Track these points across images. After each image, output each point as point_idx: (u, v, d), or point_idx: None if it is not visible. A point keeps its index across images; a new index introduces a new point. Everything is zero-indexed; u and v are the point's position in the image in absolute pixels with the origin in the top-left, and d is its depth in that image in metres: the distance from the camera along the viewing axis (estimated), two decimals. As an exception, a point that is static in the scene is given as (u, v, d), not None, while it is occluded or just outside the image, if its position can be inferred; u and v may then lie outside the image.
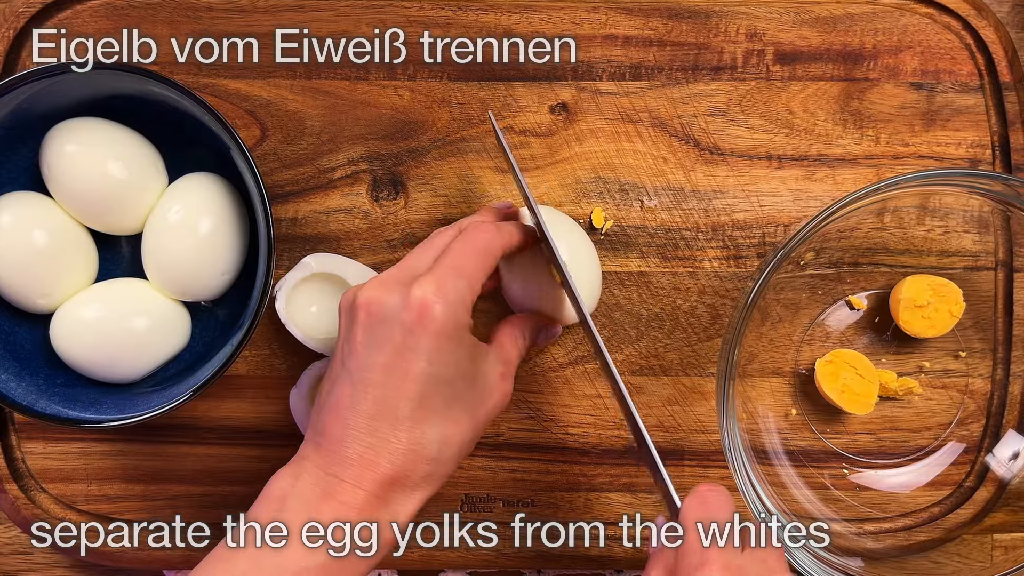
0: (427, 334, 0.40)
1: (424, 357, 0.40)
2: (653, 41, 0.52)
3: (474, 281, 0.42)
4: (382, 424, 0.40)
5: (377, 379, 0.40)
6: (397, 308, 0.41)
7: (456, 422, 0.42)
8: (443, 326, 0.40)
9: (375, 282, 0.42)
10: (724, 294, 0.53)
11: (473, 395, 0.43)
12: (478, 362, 0.43)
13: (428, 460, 0.41)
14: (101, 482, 0.53)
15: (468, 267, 0.42)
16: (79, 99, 0.48)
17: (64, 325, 0.48)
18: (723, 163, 0.53)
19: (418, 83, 0.52)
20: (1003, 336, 0.53)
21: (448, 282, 0.41)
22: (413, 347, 0.40)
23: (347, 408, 0.41)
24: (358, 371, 0.41)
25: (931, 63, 0.53)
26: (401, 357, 0.40)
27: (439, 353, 0.40)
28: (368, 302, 0.42)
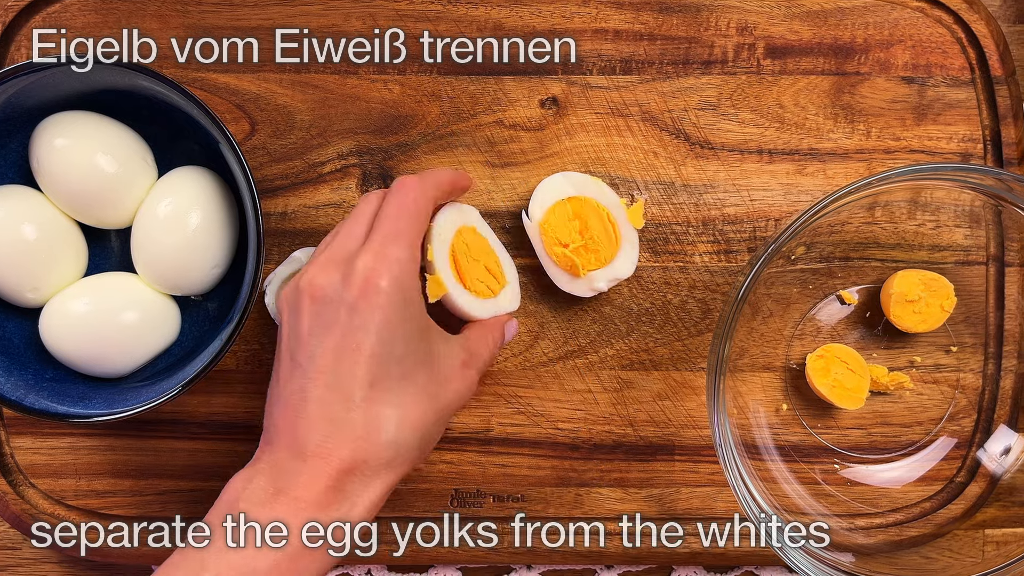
0: (374, 310, 0.40)
1: (373, 334, 0.40)
2: (644, 35, 0.53)
3: (414, 245, 0.42)
4: (336, 409, 0.39)
5: (327, 364, 0.40)
6: (339, 288, 0.40)
7: (413, 404, 0.41)
8: (389, 299, 0.40)
9: (312, 266, 0.42)
10: (715, 289, 0.53)
11: (428, 376, 0.42)
12: (432, 341, 0.43)
13: (387, 444, 0.40)
14: (90, 477, 0.53)
15: (404, 231, 0.42)
16: (68, 93, 0.49)
17: (53, 319, 0.49)
18: (714, 157, 0.53)
19: (408, 77, 0.53)
20: (994, 331, 0.53)
21: (388, 252, 0.41)
22: (361, 325, 0.40)
23: (298, 399, 0.40)
24: (307, 360, 0.40)
25: (922, 57, 0.53)
26: (350, 338, 0.40)
27: (388, 329, 0.40)
28: (310, 287, 0.41)
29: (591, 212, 0.51)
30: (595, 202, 0.51)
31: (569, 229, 0.51)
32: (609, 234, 0.51)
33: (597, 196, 0.52)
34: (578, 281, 0.51)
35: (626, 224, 0.52)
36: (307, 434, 0.39)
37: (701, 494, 0.54)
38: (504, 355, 0.53)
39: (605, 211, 0.51)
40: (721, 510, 0.53)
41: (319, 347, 0.40)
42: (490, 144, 0.53)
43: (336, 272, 0.41)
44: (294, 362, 0.41)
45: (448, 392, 0.43)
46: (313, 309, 0.41)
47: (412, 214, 0.43)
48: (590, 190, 0.52)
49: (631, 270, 0.52)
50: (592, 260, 0.51)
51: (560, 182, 0.52)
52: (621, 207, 0.52)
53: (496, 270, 0.50)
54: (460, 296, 0.48)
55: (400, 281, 0.40)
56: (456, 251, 0.48)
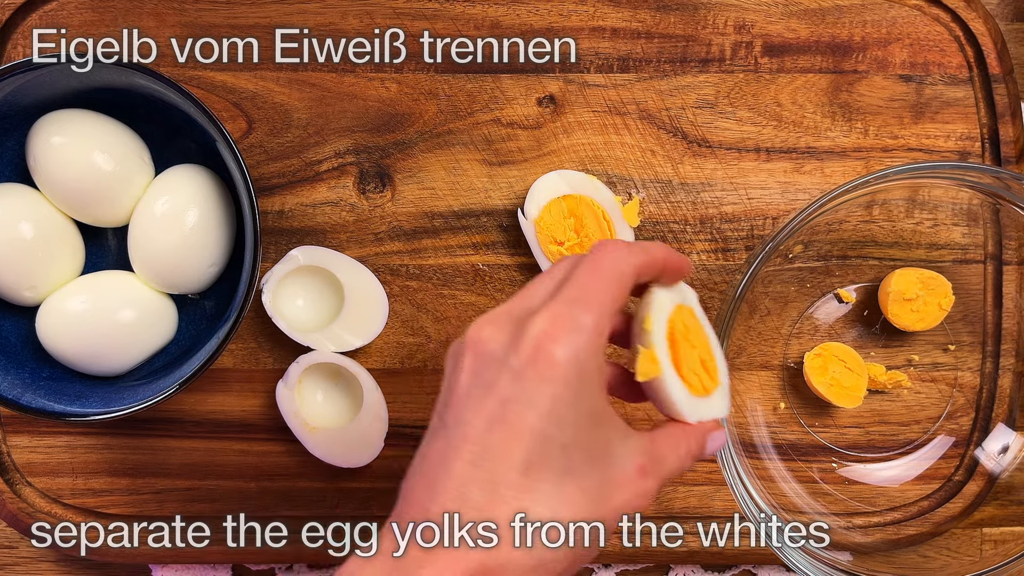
0: (542, 382, 0.33)
1: (536, 410, 0.33)
2: (641, 33, 0.53)
3: (603, 315, 0.34)
4: (476, 491, 0.33)
5: (476, 434, 0.33)
6: (506, 347, 0.34)
7: (570, 503, 0.33)
8: (564, 373, 0.33)
9: (483, 319, 0.35)
10: (712, 287, 0.54)
11: (595, 476, 0.34)
12: (606, 433, 0.35)
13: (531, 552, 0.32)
14: (87, 476, 0.54)
15: (595, 296, 0.35)
16: (65, 91, 0.49)
17: (50, 318, 0.49)
18: (711, 156, 0.53)
19: (405, 75, 0.53)
20: (992, 329, 0.54)
21: (569, 317, 0.34)
22: (523, 398, 0.33)
23: (436, 469, 0.34)
24: (455, 424, 0.34)
25: (920, 55, 0.54)
26: (507, 409, 0.33)
27: (556, 408, 0.33)
28: (474, 342, 0.35)
29: (586, 210, 0.51)
30: (590, 200, 0.52)
31: (564, 227, 0.51)
32: (604, 232, 0.51)
33: (593, 194, 0.52)
34: None
35: (622, 222, 0.52)
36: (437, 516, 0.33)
37: (699, 492, 0.54)
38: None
39: (600, 209, 0.52)
40: (719, 508, 0.54)
41: (470, 411, 0.34)
42: (487, 142, 0.53)
43: (507, 328, 0.34)
44: (441, 422, 0.35)
45: (615, 500, 0.35)
46: (474, 366, 0.34)
47: (608, 278, 0.35)
48: (586, 188, 0.52)
49: None
50: None
51: (556, 180, 0.52)
52: (617, 205, 0.52)
53: (711, 365, 0.41)
54: (673, 383, 0.39)
55: (579, 353, 0.33)
56: (675, 330, 0.40)
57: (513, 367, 0.33)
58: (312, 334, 0.52)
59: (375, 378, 0.53)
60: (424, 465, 0.34)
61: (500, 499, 0.32)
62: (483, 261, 0.53)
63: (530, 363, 0.33)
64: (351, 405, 0.53)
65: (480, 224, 0.53)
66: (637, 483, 0.35)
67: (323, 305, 0.53)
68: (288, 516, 0.53)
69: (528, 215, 0.52)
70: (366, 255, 0.53)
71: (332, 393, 0.54)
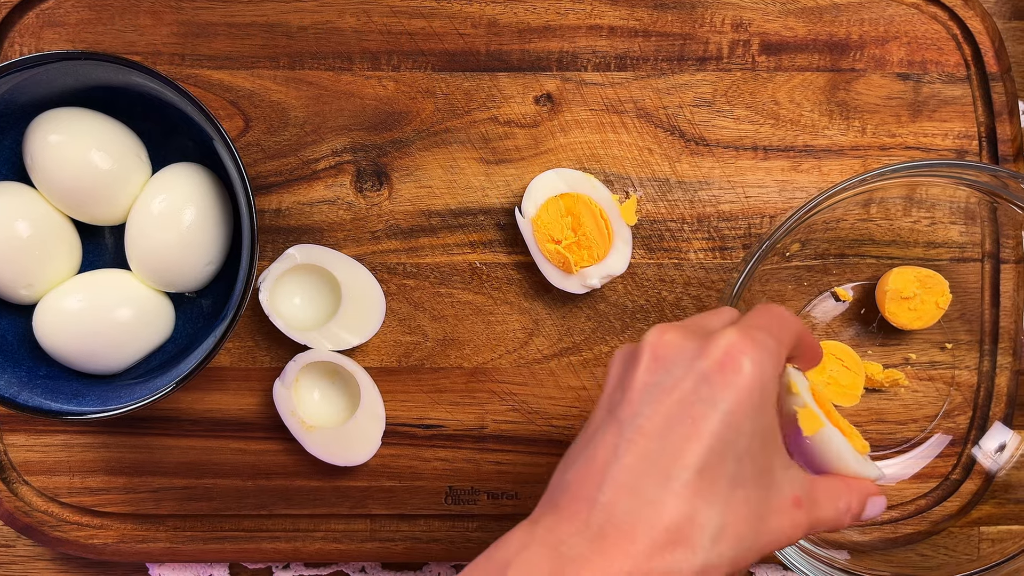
0: (728, 387, 0.33)
1: (719, 413, 0.33)
2: (638, 31, 0.54)
3: (781, 346, 0.36)
4: (648, 483, 0.33)
5: (652, 429, 0.33)
6: (692, 353, 0.35)
7: (735, 514, 0.33)
8: (749, 384, 0.34)
9: (662, 326, 0.36)
10: (709, 286, 0.54)
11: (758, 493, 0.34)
12: (772, 456, 0.36)
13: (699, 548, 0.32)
14: (84, 474, 0.54)
15: (775, 329, 0.36)
16: (62, 89, 0.49)
17: (47, 316, 0.50)
18: (709, 154, 0.54)
19: (402, 74, 0.54)
20: (990, 328, 0.54)
21: (757, 337, 0.35)
22: (708, 399, 0.33)
23: (606, 460, 0.34)
24: (630, 418, 0.34)
25: (917, 53, 0.54)
26: (689, 408, 0.33)
27: (737, 415, 0.33)
28: (656, 344, 0.36)
29: (584, 208, 0.52)
30: (588, 198, 0.52)
31: (562, 225, 0.52)
32: (602, 230, 0.52)
33: (590, 192, 0.52)
34: (571, 278, 0.52)
35: (619, 220, 0.52)
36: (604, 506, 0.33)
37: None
38: (498, 352, 0.54)
39: (598, 207, 0.52)
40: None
41: (648, 407, 0.34)
42: (484, 141, 0.54)
43: (692, 339, 0.35)
44: (611, 416, 0.35)
45: (771, 523, 0.35)
46: (654, 366, 0.35)
47: (782, 323, 0.37)
48: (583, 187, 0.52)
49: (624, 266, 0.52)
50: (585, 256, 0.52)
51: (553, 179, 0.52)
52: (614, 203, 0.52)
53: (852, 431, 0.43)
54: (836, 436, 0.40)
55: (764, 370, 0.34)
56: (817, 397, 0.42)
57: (699, 370, 0.34)
58: (309, 333, 0.52)
59: (372, 376, 0.53)
60: (590, 457, 0.34)
61: (673, 496, 0.32)
62: (480, 260, 0.54)
63: (718, 369, 0.34)
64: (348, 404, 0.54)
65: (477, 223, 0.54)
66: (792, 513, 0.36)
67: (320, 304, 0.54)
68: (285, 514, 0.54)
69: (525, 213, 0.52)
70: (363, 253, 0.54)
71: (329, 392, 0.54)
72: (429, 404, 0.54)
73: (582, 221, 0.52)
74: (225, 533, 0.54)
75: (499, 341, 0.54)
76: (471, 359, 0.54)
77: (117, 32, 0.54)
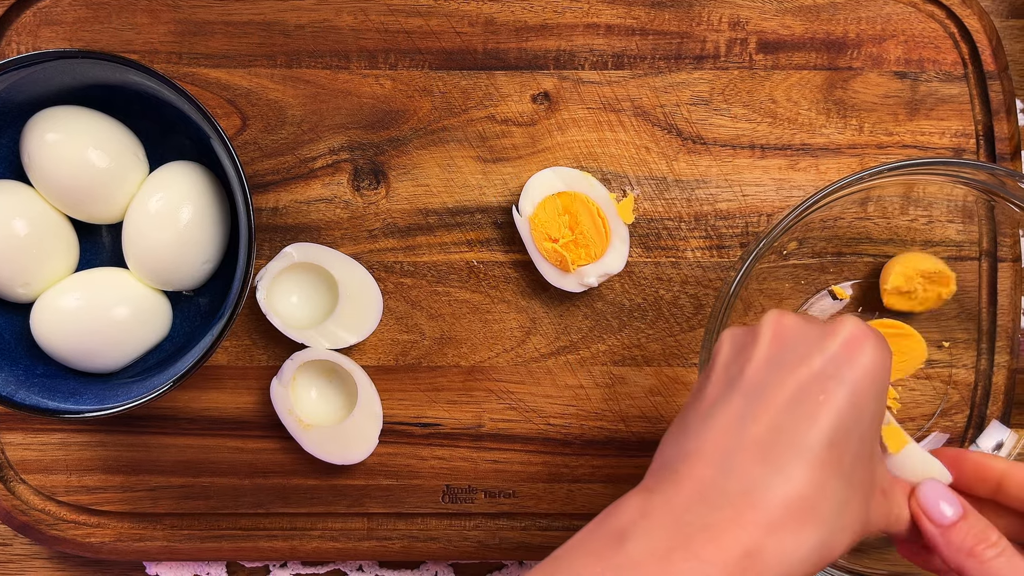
0: (855, 368, 0.34)
1: (847, 390, 0.34)
2: (635, 30, 0.54)
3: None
4: (778, 453, 0.33)
5: (779, 401, 0.34)
6: (814, 336, 0.36)
7: (856, 489, 0.34)
8: (873, 368, 0.35)
9: (778, 312, 0.37)
10: (707, 284, 0.54)
11: (869, 476, 0.35)
12: (876, 446, 0.37)
13: (826, 519, 0.33)
14: (81, 473, 0.54)
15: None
16: (59, 88, 0.50)
17: (44, 315, 0.50)
18: (706, 152, 0.54)
19: (399, 72, 0.54)
20: (987, 326, 0.54)
21: (875, 334, 0.36)
22: (835, 376, 0.34)
23: (730, 428, 0.34)
24: (755, 387, 0.35)
25: (915, 52, 0.54)
26: (817, 384, 0.34)
27: (863, 396, 0.34)
28: (777, 324, 0.37)
29: (581, 207, 0.52)
30: (585, 197, 0.52)
31: (559, 224, 0.52)
32: (599, 229, 0.52)
33: (587, 191, 0.52)
34: (568, 276, 0.52)
35: (616, 219, 0.52)
36: (737, 474, 0.33)
37: (693, 490, 0.54)
38: (496, 351, 0.54)
39: (595, 206, 0.52)
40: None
41: (776, 378, 0.35)
42: (482, 139, 0.54)
43: (811, 324, 0.36)
44: (732, 388, 0.35)
45: (872, 507, 0.36)
46: (777, 343, 0.36)
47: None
48: (580, 185, 0.52)
49: (621, 265, 0.52)
50: (582, 255, 0.52)
51: (550, 177, 0.53)
52: (611, 202, 0.52)
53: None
54: (918, 452, 0.41)
55: (884, 357, 0.36)
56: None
57: (826, 350, 0.35)
58: (306, 331, 0.53)
59: (369, 375, 0.53)
60: (713, 427, 0.34)
61: (804, 466, 0.32)
62: (478, 258, 0.54)
63: (845, 350, 0.35)
64: (345, 402, 0.54)
65: (475, 221, 0.54)
66: (882, 502, 0.37)
67: (317, 302, 0.54)
68: (282, 513, 0.54)
69: (523, 212, 0.52)
70: (360, 252, 0.54)
71: (326, 390, 0.54)
72: (426, 403, 0.54)
73: (579, 220, 0.52)
74: (222, 532, 0.54)
75: (496, 340, 0.54)
76: (468, 358, 0.54)
77: (114, 30, 0.54)
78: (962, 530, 0.38)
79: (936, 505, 0.38)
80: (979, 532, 0.37)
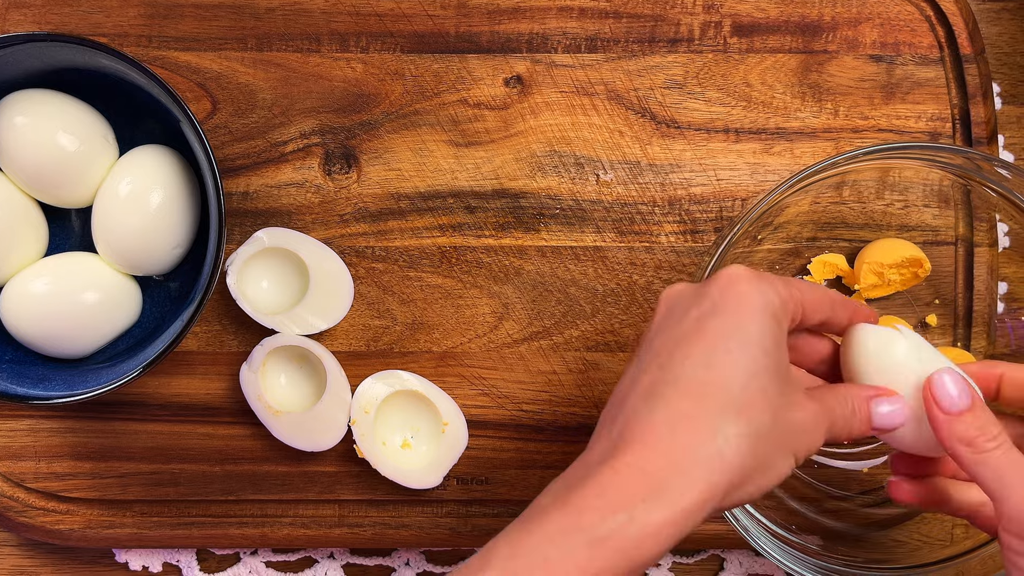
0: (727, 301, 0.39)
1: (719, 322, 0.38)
2: (609, 13, 0.57)
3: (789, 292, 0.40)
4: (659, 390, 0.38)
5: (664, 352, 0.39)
6: (698, 288, 0.40)
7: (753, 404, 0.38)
8: (749, 301, 0.38)
9: (669, 286, 0.42)
10: (681, 269, 0.57)
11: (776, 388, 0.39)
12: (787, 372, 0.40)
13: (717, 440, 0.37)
14: (50, 460, 0.57)
15: (800, 288, 0.41)
16: (28, 71, 0.52)
17: (13, 300, 0.52)
18: (680, 137, 0.57)
19: (371, 55, 0.57)
20: (963, 312, 0.57)
21: (767, 277, 0.40)
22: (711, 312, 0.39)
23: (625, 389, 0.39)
24: (645, 350, 0.40)
25: (890, 35, 0.57)
26: (695, 325, 0.39)
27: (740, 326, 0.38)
28: (666, 294, 0.41)
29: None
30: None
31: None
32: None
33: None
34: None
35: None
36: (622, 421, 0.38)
37: (667, 477, 0.57)
38: (468, 336, 0.56)
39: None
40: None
41: (659, 336, 0.39)
42: (454, 123, 0.57)
43: (696, 285, 0.41)
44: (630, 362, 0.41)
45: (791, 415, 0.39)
46: (663, 309, 0.41)
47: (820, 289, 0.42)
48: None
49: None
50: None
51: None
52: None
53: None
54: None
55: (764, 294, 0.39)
56: None
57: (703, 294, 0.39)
58: (277, 316, 0.55)
59: (341, 361, 0.56)
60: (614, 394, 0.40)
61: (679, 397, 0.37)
62: (449, 243, 0.57)
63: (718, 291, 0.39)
64: (316, 388, 0.56)
65: (447, 206, 0.57)
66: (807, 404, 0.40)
67: (288, 287, 0.56)
68: (253, 500, 0.57)
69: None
70: (331, 237, 0.57)
71: (296, 376, 0.57)
72: (398, 389, 0.56)
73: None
74: (192, 519, 0.57)
75: (469, 325, 0.57)
76: (440, 343, 0.57)
77: (83, 13, 0.57)
78: (966, 420, 0.41)
79: (948, 394, 0.41)
80: (981, 424, 0.41)
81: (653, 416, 0.37)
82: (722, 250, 0.51)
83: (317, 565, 0.59)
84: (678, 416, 0.37)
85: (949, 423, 0.41)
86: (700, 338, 0.38)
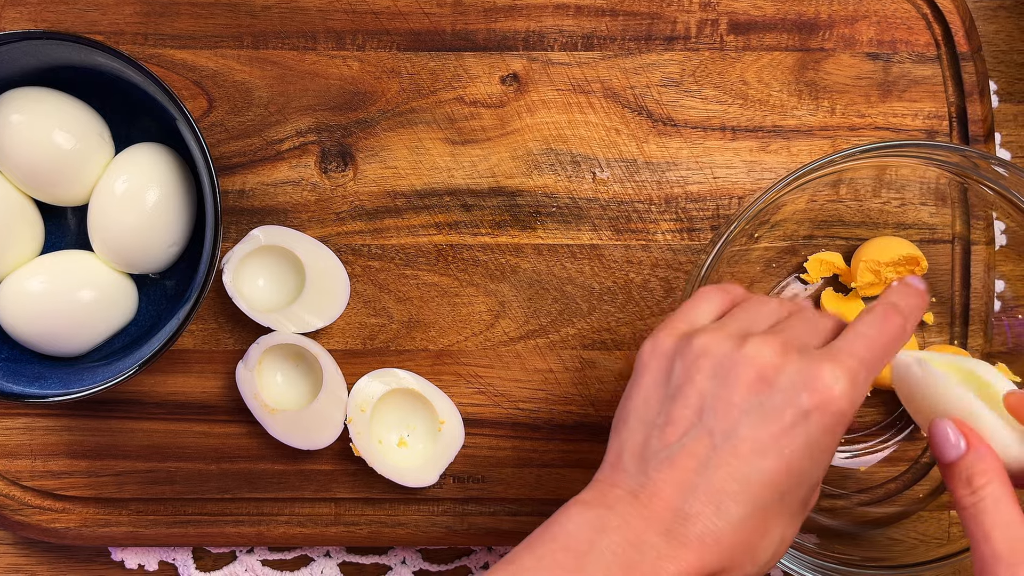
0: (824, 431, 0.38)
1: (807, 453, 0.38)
2: (605, 10, 0.57)
3: (871, 376, 0.40)
4: (735, 503, 0.37)
5: (747, 451, 0.38)
6: (793, 381, 0.38)
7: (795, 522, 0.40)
8: (841, 423, 0.39)
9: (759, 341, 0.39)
10: (677, 267, 0.57)
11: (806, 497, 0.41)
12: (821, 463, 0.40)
13: (759, 564, 0.39)
14: (46, 458, 0.57)
15: (877, 364, 0.40)
16: (24, 69, 0.53)
17: (8, 298, 0.53)
18: (676, 135, 0.57)
19: (367, 53, 0.57)
20: (960, 310, 0.57)
21: (860, 380, 0.39)
22: (803, 434, 0.38)
23: (694, 470, 0.38)
24: (725, 433, 0.38)
25: (887, 33, 0.57)
26: (784, 438, 0.38)
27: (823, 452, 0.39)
28: (755, 356, 0.39)
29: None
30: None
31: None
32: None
33: None
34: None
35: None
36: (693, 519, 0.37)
37: (664, 475, 0.57)
38: (464, 334, 0.57)
39: None
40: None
41: (746, 429, 0.38)
42: (450, 121, 0.57)
43: (793, 357, 0.39)
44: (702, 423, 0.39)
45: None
46: (757, 387, 0.39)
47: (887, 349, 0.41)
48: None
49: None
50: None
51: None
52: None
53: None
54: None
55: (854, 406, 0.39)
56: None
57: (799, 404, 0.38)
58: (273, 315, 0.56)
59: (337, 359, 0.56)
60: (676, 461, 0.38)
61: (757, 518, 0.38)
62: (446, 241, 0.57)
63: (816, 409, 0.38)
64: (312, 386, 0.57)
65: (443, 203, 0.57)
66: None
67: (284, 285, 0.57)
68: (249, 498, 0.57)
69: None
70: (327, 235, 0.57)
71: (292, 374, 0.57)
72: (394, 387, 0.57)
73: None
74: (188, 517, 0.57)
75: (465, 323, 0.57)
76: (437, 341, 0.57)
77: (80, 11, 0.57)
78: (961, 464, 0.43)
79: (942, 443, 0.43)
80: (971, 465, 0.42)
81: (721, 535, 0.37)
82: (719, 248, 0.52)
83: (313, 563, 0.59)
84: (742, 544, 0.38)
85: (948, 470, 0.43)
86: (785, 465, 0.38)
